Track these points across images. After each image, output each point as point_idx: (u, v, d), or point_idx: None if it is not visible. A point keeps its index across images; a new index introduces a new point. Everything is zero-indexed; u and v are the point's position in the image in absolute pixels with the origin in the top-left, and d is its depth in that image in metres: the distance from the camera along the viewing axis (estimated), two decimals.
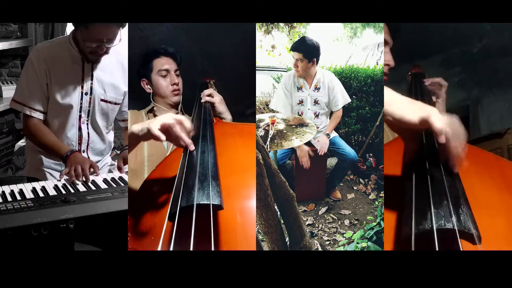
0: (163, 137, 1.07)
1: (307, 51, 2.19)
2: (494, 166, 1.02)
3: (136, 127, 1.12)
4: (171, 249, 0.84)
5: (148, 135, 1.09)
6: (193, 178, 0.99)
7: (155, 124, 1.07)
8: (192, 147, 1.09)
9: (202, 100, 1.48)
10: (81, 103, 1.86)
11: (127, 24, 1.72)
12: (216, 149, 1.13)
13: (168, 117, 1.09)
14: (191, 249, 0.83)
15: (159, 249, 0.86)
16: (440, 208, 0.80)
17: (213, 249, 0.85)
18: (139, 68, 1.69)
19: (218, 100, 1.52)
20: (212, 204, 0.93)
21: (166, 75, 1.67)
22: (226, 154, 1.13)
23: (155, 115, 1.63)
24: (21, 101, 1.83)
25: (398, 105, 0.89)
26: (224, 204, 0.95)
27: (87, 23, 1.67)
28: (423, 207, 0.81)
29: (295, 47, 2.20)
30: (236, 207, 1.00)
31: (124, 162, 1.84)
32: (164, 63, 1.67)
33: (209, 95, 1.51)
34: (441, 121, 0.84)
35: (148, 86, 1.69)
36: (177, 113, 1.64)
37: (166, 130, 1.08)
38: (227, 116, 1.56)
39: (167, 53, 1.68)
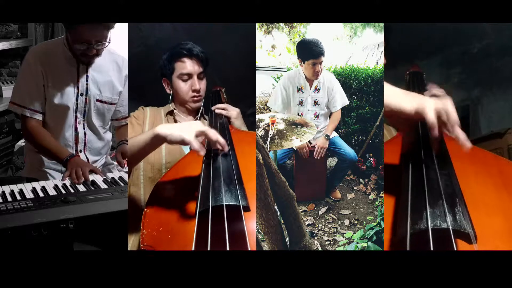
0: (202, 152, 1.07)
1: (324, 51, 2.20)
2: (492, 165, 1.02)
3: (163, 130, 1.11)
4: (208, 248, 0.88)
5: (179, 143, 1.09)
6: (219, 181, 1.03)
7: (191, 135, 1.07)
8: (226, 148, 1.13)
9: (217, 111, 1.44)
10: (77, 104, 1.86)
11: (115, 25, 1.70)
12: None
13: (199, 124, 1.11)
14: (227, 249, 0.86)
15: (192, 248, 0.89)
16: (435, 207, 0.80)
17: (249, 249, 0.88)
18: (161, 66, 1.59)
19: (234, 115, 1.46)
20: (240, 205, 0.97)
21: (187, 80, 1.54)
22: (243, 161, 1.15)
23: (175, 119, 1.59)
24: (20, 103, 1.83)
25: (396, 96, 0.92)
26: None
27: (74, 25, 1.66)
28: (419, 207, 0.81)
29: (320, 52, 2.18)
30: (255, 210, 1.03)
31: (123, 156, 1.84)
32: (186, 67, 1.53)
33: (224, 109, 1.46)
34: (434, 112, 0.86)
35: (169, 87, 1.59)
36: (196, 117, 1.58)
37: (202, 137, 1.11)
38: (244, 130, 1.50)
39: (192, 55, 1.54)
